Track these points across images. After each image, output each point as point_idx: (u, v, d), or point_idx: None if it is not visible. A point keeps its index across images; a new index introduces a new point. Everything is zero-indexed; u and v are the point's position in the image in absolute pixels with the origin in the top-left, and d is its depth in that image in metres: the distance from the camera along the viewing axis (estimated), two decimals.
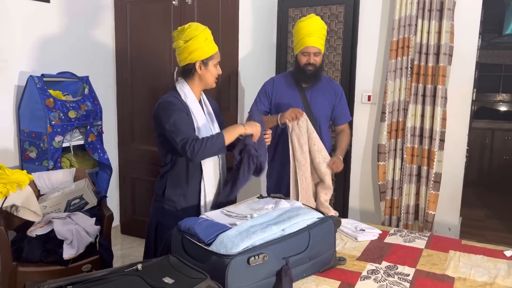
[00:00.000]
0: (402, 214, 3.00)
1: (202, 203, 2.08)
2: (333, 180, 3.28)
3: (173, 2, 3.46)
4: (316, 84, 2.57)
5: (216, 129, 2.15)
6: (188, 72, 2.06)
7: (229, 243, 1.54)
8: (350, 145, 3.21)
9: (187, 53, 2.01)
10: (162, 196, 2.08)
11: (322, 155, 2.44)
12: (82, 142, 3.18)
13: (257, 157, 2.00)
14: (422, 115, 2.91)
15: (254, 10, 3.36)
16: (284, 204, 1.94)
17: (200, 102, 2.13)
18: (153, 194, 2.17)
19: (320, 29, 2.44)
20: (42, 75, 3.02)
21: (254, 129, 2.00)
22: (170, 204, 2.07)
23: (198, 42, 1.99)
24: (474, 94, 3.04)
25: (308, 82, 2.56)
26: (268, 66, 3.40)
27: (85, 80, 3.26)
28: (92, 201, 2.74)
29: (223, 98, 3.44)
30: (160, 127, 2.00)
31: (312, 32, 2.41)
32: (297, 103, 2.55)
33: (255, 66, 3.41)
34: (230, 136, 1.95)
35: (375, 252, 2.01)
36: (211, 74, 2.07)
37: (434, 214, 2.89)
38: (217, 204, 2.10)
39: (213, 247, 1.55)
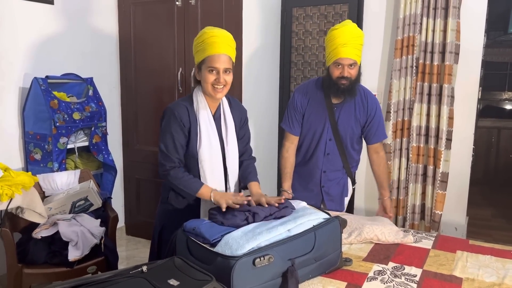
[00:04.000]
0: (408, 214, 2.99)
1: (201, 213, 2.03)
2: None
3: (177, 3, 3.45)
4: (348, 101, 2.31)
5: (230, 139, 2.03)
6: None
7: (235, 244, 1.53)
8: None
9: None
10: (166, 198, 2.08)
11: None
12: (86, 143, 3.18)
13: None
14: (428, 114, 2.89)
15: (257, 10, 3.35)
16: None
17: (217, 111, 2.03)
18: (160, 196, 2.16)
19: (356, 38, 2.16)
20: (47, 76, 3.02)
21: (220, 201, 1.83)
22: (174, 207, 2.06)
23: (195, 45, 1.93)
24: (480, 92, 3.02)
25: (341, 98, 2.29)
26: (272, 66, 3.39)
27: (89, 81, 3.26)
28: (97, 202, 2.73)
29: None
30: None
31: (347, 41, 2.13)
32: (323, 119, 2.33)
33: (259, 66, 3.40)
34: (203, 192, 1.91)
35: (382, 252, 2.00)
36: (204, 80, 1.90)
37: (441, 213, 2.87)
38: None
39: (219, 248, 1.55)
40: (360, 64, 2.26)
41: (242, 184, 2.11)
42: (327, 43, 2.22)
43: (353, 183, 2.59)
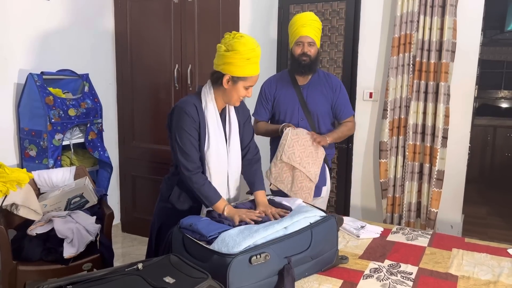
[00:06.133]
0: (404, 212, 2.99)
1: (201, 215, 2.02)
2: (334, 177, 3.28)
3: (173, 0, 3.44)
4: (313, 81, 2.52)
5: (233, 141, 2.04)
6: (216, 79, 1.95)
7: (231, 242, 1.53)
8: (351, 142, 3.20)
9: (222, 62, 1.89)
10: (167, 197, 2.07)
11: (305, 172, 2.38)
12: (82, 140, 3.17)
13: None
14: (424, 112, 2.89)
15: (254, 7, 3.34)
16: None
17: (223, 112, 2.04)
18: (159, 193, 2.14)
19: (313, 21, 2.41)
20: (42, 72, 3.00)
21: (234, 216, 1.84)
22: (173, 206, 2.05)
23: (237, 57, 1.85)
24: (476, 91, 3.02)
25: (303, 74, 2.49)
26: (269, 63, 3.38)
27: (85, 77, 3.24)
28: (93, 199, 2.72)
29: None
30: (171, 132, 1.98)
31: (305, 23, 2.39)
32: (293, 101, 2.51)
33: None
34: (218, 206, 1.91)
35: (378, 250, 2.00)
36: (237, 93, 1.93)
37: (437, 211, 2.87)
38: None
39: (215, 246, 1.54)
40: (319, 48, 2.51)
41: (249, 190, 2.14)
42: (289, 29, 2.49)
43: (330, 172, 2.66)
